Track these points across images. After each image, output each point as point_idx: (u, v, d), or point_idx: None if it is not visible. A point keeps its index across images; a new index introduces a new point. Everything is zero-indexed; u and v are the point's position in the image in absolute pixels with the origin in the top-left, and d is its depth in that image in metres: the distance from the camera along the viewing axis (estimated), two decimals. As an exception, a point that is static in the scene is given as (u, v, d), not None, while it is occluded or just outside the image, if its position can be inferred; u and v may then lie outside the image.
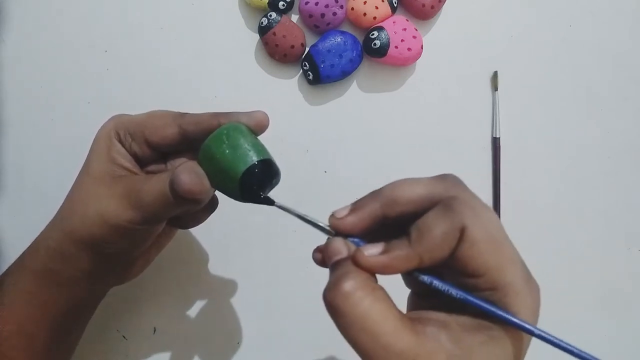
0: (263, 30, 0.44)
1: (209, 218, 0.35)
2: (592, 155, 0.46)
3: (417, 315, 0.25)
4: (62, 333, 0.34)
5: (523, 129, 0.46)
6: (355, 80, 0.46)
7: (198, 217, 0.34)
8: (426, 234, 0.23)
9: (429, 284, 0.24)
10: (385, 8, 0.44)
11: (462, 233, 0.23)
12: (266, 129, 0.31)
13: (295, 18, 0.46)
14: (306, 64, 0.44)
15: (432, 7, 0.45)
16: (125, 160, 0.31)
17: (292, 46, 0.44)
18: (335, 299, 0.22)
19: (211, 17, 0.46)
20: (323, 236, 0.27)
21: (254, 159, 0.28)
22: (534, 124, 0.46)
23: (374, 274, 0.24)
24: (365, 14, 0.44)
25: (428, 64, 0.46)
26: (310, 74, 0.44)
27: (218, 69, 0.45)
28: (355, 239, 0.26)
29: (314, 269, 0.27)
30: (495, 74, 0.46)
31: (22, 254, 0.33)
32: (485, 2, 0.47)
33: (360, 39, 0.45)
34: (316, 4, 0.43)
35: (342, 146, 0.45)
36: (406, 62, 0.45)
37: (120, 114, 0.33)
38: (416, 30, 0.44)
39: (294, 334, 0.43)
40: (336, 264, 0.24)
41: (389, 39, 0.43)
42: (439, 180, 0.25)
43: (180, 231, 0.39)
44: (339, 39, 0.43)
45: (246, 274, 0.44)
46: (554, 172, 0.46)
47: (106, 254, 0.31)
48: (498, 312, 0.23)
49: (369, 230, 0.26)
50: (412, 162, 0.45)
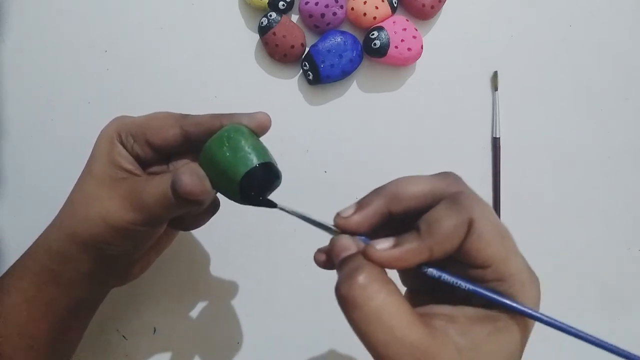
0: (263, 30, 0.44)
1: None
2: (592, 155, 0.46)
3: (424, 310, 0.25)
4: (63, 334, 0.34)
5: (523, 129, 0.46)
6: (355, 80, 0.46)
7: (200, 219, 0.34)
8: (436, 226, 0.24)
9: (438, 277, 0.24)
10: (385, 8, 0.44)
11: (470, 226, 0.23)
12: (268, 130, 0.30)
13: (295, 18, 0.46)
14: (306, 64, 0.44)
15: (432, 7, 0.45)
16: (127, 162, 0.31)
17: (292, 46, 0.44)
18: (351, 291, 0.22)
19: (211, 17, 0.46)
20: (323, 236, 0.27)
21: (254, 161, 0.28)
22: (534, 124, 0.46)
23: (384, 269, 0.24)
24: (365, 14, 0.44)
25: (428, 64, 0.46)
26: (310, 74, 0.44)
27: (218, 69, 0.45)
28: (361, 237, 0.26)
29: (314, 269, 0.27)
30: (495, 74, 0.46)
31: (23, 254, 0.33)
32: (485, 2, 0.47)
33: (360, 39, 0.45)
34: (316, 4, 0.43)
35: (342, 146, 0.45)
36: (406, 62, 0.45)
37: (122, 116, 0.32)
38: (416, 30, 0.44)
39: (294, 334, 0.43)
40: (346, 260, 0.24)
41: (389, 39, 0.43)
42: (441, 178, 0.26)
43: (180, 231, 0.39)
44: (339, 39, 0.43)
45: (246, 274, 0.44)
46: (554, 172, 0.46)
47: (107, 255, 0.31)
48: (508, 302, 0.23)
49: (375, 228, 0.26)
50: (412, 162, 0.45)
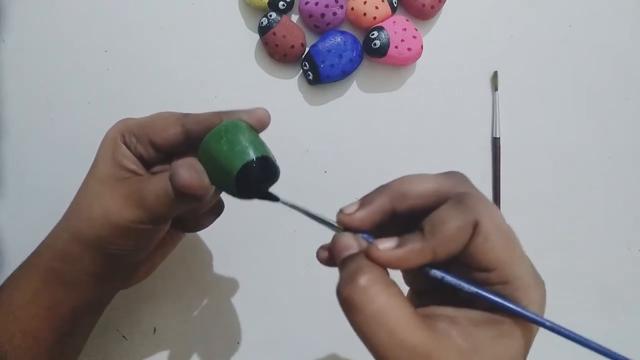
0: (263, 30, 0.44)
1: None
2: (592, 155, 0.46)
3: (426, 311, 0.24)
4: (67, 335, 0.34)
5: (523, 129, 0.46)
6: (355, 80, 0.46)
7: (204, 221, 0.34)
8: (440, 227, 0.23)
9: (441, 279, 0.24)
10: (385, 8, 0.44)
11: (476, 227, 0.23)
12: (267, 126, 0.31)
13: (295, 18, 0.46)
14: (306, 64, 0.44)
15: (432, 7, 0.45)
16: (131, 162, 0.31)
17: (292, 46, 0.44)
18: (352, 293, 0.22)
19: (211, 17, 0.46)
20: (323, 237, 0.27)
21: (251, 155, 0.28)
22: (534, 124, 0.46)
23: (386, 269, 0.24)
24: (365, 14, 0.44)
25: (428, 64, 0.46)
26: (310, 74, 0.44)
27: (218, 69, 0.45)
28: (364, 235, 0.25)
29: (315, 269, 0.27)
30: (495, 74, 0.46)
31: (30, 254, 0.33)
32: (485, 2, 0.47)
33: (360, 39, 0.45)
34: (316, 4, 0.43)
35: (342, 146, 0.45)
36: (406, 62, 0.45)
37: (127, 118, 0.33)
38: (416, 30, 0.44)
39: (294, 334, 0.43)
40: (348, 259, 0.24)
41: (389, 39, 0.43)
42: (447, 177, 0.26)
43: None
44: (339, 39, 0.43)
45: (246, 274, 0.44)
46: (554, 172, 0.46)
47: (111, 255, 0.31)
48: (512, 307, 0.23)
49: (378, 225, 0.26)
50: (412, 162, 0.45)
